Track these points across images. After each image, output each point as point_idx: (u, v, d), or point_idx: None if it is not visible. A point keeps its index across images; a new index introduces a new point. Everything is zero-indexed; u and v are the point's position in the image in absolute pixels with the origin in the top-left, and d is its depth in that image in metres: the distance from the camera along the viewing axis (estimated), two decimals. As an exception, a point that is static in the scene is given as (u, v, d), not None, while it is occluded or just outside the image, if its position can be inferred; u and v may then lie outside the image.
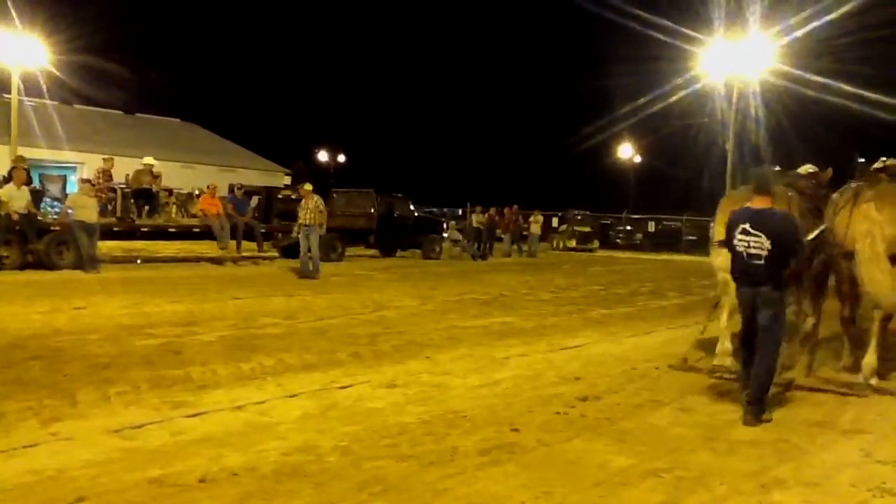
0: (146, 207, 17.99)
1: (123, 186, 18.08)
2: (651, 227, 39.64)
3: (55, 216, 16.13)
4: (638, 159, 52.26)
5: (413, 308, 11.62)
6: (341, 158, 63.65)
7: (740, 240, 5.76)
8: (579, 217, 37.00)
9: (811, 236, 6.94)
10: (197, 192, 21.04)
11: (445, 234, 26.88)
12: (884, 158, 7.71)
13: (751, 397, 5.76)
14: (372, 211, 22.37)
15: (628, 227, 39.87)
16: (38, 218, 15.33)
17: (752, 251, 5.69)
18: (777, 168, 8.04)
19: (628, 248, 36.97)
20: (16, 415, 5.14)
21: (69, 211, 15.00)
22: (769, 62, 34.22)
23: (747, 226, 5.73)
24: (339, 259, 20.18)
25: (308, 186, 16.36)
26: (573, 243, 35.27)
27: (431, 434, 5.12)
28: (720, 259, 7.01)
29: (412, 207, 24.72)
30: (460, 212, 41.13)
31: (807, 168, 7.98)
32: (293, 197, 20.40)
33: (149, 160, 18.49)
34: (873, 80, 30.61)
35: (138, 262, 17.50)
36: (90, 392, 5.81)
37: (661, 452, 4.91)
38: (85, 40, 28.72)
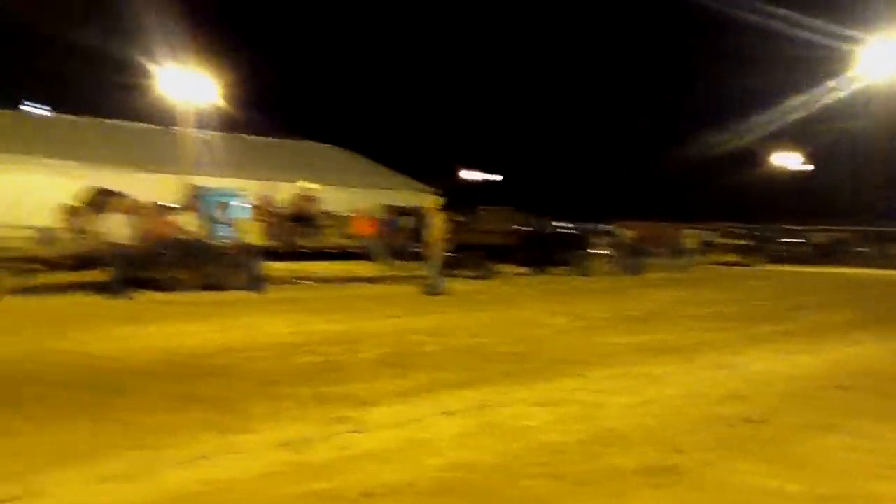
0: (306, 230, 18.85)
1: (285, 211, 19.03)
2: (813, 238, 37.53)
3: (225, 240, 17.25)
4: (796, 167, 49.55)
5: (563, 325, 11.54)
6: (489, 176, 64.10)
7: None
8: (735, 230, 35.52)
9: None
10: (353, 215, 21.83)
11: (596, 250, 26.45)
12: None
13: None
14: (518, 228, 22.34)
15: (788, 239, 37.85)
16: (210, 242, 16.44)
17: None
18: None
19: (789, 261, 35.01)
20: (191, 427, 5.50)
21: (236, 235, 15.98)
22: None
23: None
24: (489, 277, 20.27)
25: (431, 204, 16.54)
26: (730, 258, 33.84)
27: (587, 453, 5.07)
28: None
29: (558, 224, 24.52)
30: (610, 227, 40.50)
31: None
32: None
33: (308, 185, 19.38)
34: None
35: (301, 282, 18.37)
36: (259, 407, 6.14)
37: (832, 478, 4.64)
38: (241, 72, 30.67)
